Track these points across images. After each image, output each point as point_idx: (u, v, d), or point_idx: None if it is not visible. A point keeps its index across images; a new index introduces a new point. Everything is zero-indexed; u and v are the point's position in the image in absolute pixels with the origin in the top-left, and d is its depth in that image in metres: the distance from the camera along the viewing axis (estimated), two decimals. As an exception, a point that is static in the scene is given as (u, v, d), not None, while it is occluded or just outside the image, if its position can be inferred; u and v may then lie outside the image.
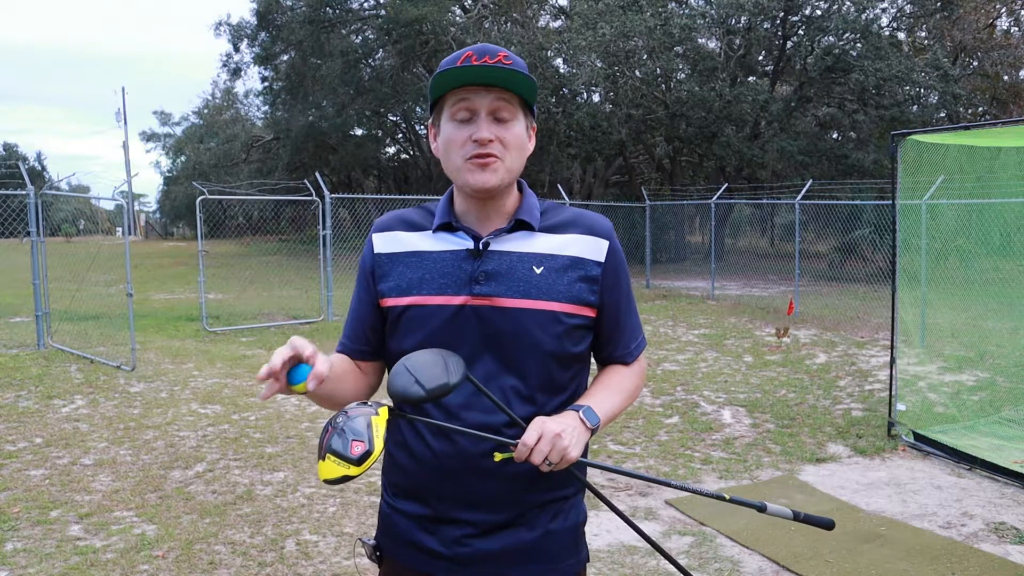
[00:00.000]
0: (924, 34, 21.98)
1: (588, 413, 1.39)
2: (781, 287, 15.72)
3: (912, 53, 20.03)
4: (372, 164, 32.12)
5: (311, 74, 24.06)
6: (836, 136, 22.31)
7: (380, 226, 1.53)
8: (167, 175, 45.24)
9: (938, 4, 19.06)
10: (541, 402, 1.42)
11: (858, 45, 18.81)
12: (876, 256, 15.96)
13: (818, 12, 19.77)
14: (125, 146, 56.66)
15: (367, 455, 1.22)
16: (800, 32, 20.52)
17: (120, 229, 14.78)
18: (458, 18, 23.15)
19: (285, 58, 25.77)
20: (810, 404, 6.46)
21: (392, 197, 19.69)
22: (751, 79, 22.66)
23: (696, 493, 1.45)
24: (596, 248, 1.46)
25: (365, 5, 24.96)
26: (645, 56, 19.97)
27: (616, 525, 3.88)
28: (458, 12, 23.73)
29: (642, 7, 19.07)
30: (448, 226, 1.45)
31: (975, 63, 22.59)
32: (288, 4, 23.77)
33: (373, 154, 30.63)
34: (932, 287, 8.66)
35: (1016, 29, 22.09)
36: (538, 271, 1.41)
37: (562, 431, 1.30)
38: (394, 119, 29.35)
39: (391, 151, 33.79)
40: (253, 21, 25.01)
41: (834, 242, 17.94)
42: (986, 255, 8.81)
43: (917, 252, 8.29)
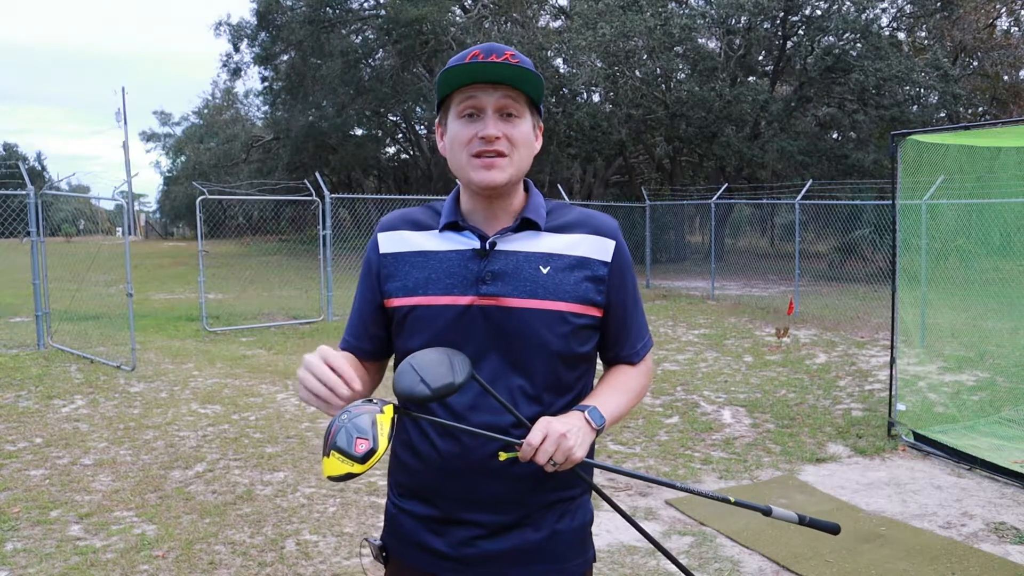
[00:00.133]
0: (924, 34, 21.98)
1: (593, 413, 1.38)
2: (781, 287, 15.71)
3: (912, 53, 20.03)
4: (372, 164, 32.13)
5: (311, 74, 24.06)
6: (836, 136, 22.31)
7: (385, 225, 1.52)
8: (167, 175, 45.28)
9: (938, 4, 19.06)
10: (547, 402, 1.41)
11: (858, 45, 18.81)
12: (876, 256, 15.96)
13: (818, 12, 19.77)
14: (125, 146, 56.61)
15: (371, 453, 1.21)
16: (800, 32, 20.53)
17: (120, 229, 14.78)
18: (458, 18, 23.15)
19: (285, 58, 25.77)
20: (810, 404, 6.46)
21: (392, 197, 19.68)
22: (751, 79, 22.65)
23: (702, 496, 1.45)
24: (603, 248, 1.45)
25: (365, 5, 24.95)
26: (645, 56, 19.97)
27: (616, 525, 3.88)
28: (458, 12, 23.72)
29: (642, 7, 19.07)
30: (454, 225, 1.45)
31: (975, 63, 22.59)
32: (288, 4, 23.77)
33: (373, 154, 30.63)
34: (932, 287, 8.66)
35: (1016, 29, 22.10)
36: (545, 271, 1.41)
37: (567, 431, 1.29)
38: (394, 119, 29.35)
39: (391, 151, 33.80)
40: (253, 21, 25.02)
41: (834, 242, 17.93)
42: (986, 255, 8.81)
43: (917, 252, 8.29)
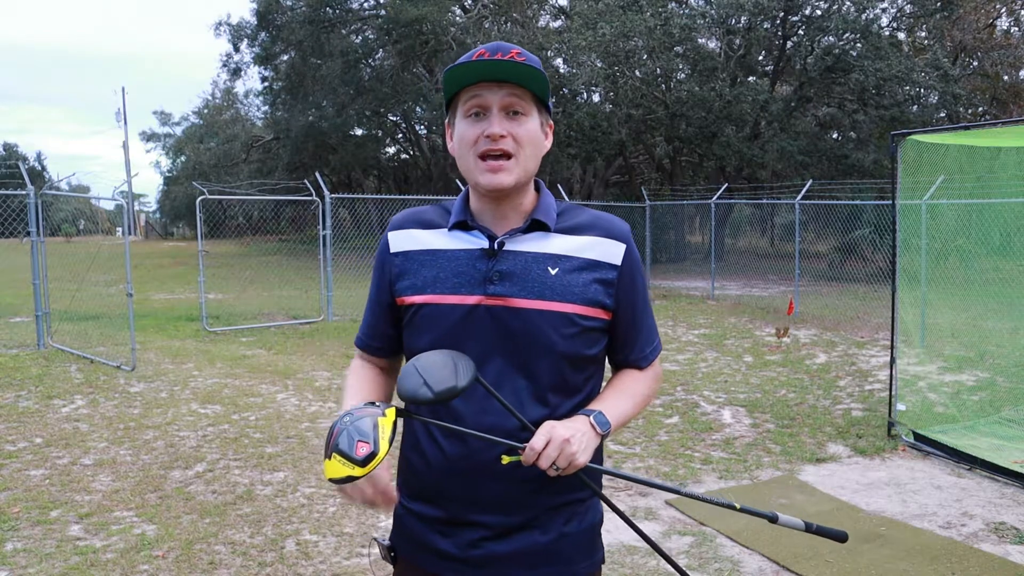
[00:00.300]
0: (924, 34, 21.98)
1: (599, 418, 1.37)
2: (781, 287, 15.71)
3: (912, 53, 20.04)
4: (372, 164, 32.13)
5: (311, 74, 24.06)
6: (836, 136, 22.30)
7: (396, 224, 1.52)
8: (167, 175, 45.28)
9: (938, 4, 19.05)
10: (554, 404, 1.40)
11: (858, 45, 18.81)
12: (876, 256, 15.96)
13: (818, 12, 19.77)
14: (125, 146, 56.64)
15: (372, 457, 1.21)
16: (800, 32, 20.52)
17: (120, 229, 14.79)
18: (458, 18, 23.15)
19: (285, 58, 25.77)
20: (810, 404, 6.46)
21: (392, 197, 19.67)
22: (751, 79, 22.65)
23: (707, 502, 1.43)
24: (613, 251, 1.44)
25: (365, 5, 24.96)
26: (645, 56, 19.97)
27: (616, 525, 3.87)
28: (458, 12, 23.73)
29: (642, 7, 19.07)
30: (463, 224, 1.44)
31: (975, 63, 22.60)
32: (288, 4, 23.77)
33: (373, 154, 30.64)
34: (932, 287, 8.66)
35: (1016, 29, 22.10)
36: (553, 272, 1.40)
37: (571, 436, 1.29)
38: (394, 119, 29.35)
39: (391, 151, 33.82)
40: (253, 21, 25.03)
41: (834, 242, 17.93)
42: (986, 255, 8.81)
43: (917, 252, 8.29)
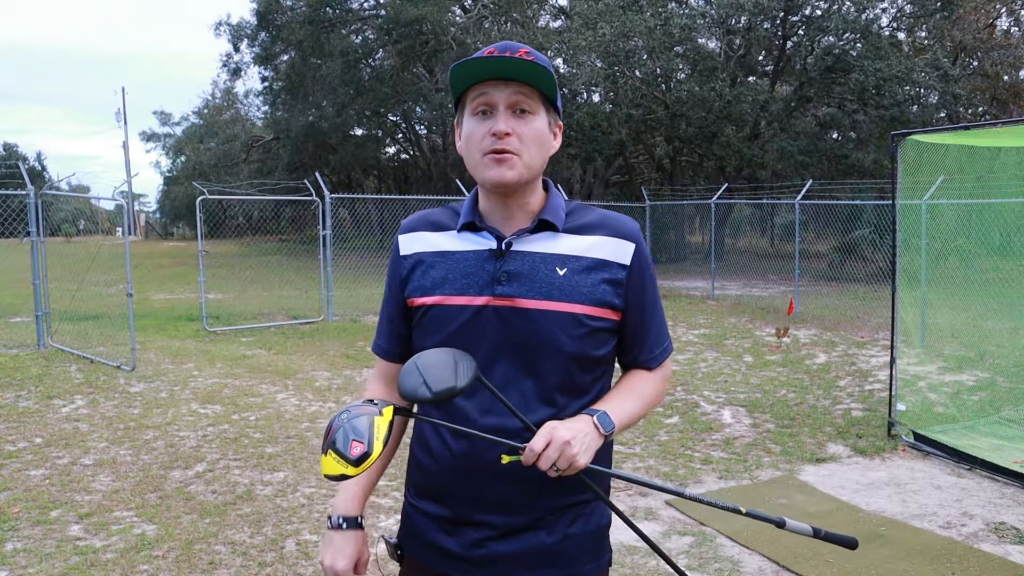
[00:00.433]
0: (924, 34, 21.97)
1: (603, 419, 1.36)
2: (781, 287, 15.71)
3: (912, 53, 20.03)
4: (372, 164, 32.13)
5: (311, 74, 24.06)
6: (836, 136, 22.29)
7: (406, 227, 1.53)
8: (167, 175, 45.28)
9: (938, 4, 19.05)
10: (561, 404, 1.39)
11: (858, 45, 18.81)
12: (876, 256, 15.95)
13: (818, 12, 19.77)
14: (125, 146, 56.64)
15: (365, 456, 1.21)
16: (800, 32, 20.52)
17: (120, 229, 14.79)
18: (458, 18, 23.16)
19: (285, 58, 25.78)
20: (810, 404, 6.46)
21: (392, 197, 19.67)
22: (751, 79, 22.65)
23: (712, 506, 1.42)
24: (622, 251, 1.43)
25: (365, 5, 24.96)
26: (645, 56, 19.97)
27: (616, 525, 3.86)
28: (458, 12, 23.73)
29: (642, 7, 19.07)
30: (472, 225, 1.44)
31: (975, 63, 22.59)
32: (288, 4, 23.78)
33: (373, 154, 30.63)
34: (932, 287, 8.66)
35: (1016, 29, 22.10)
36: (561, 272, 1.39)
37: (572, 438, 1.27)
38: (394, 119, 29.35)
39: (391, 151, 33.82)
40: (253, 21, 25.04)
41: (834, 242, 17.92)
42: (986, 255, 8.81)
43: (917, 252, 8.29)
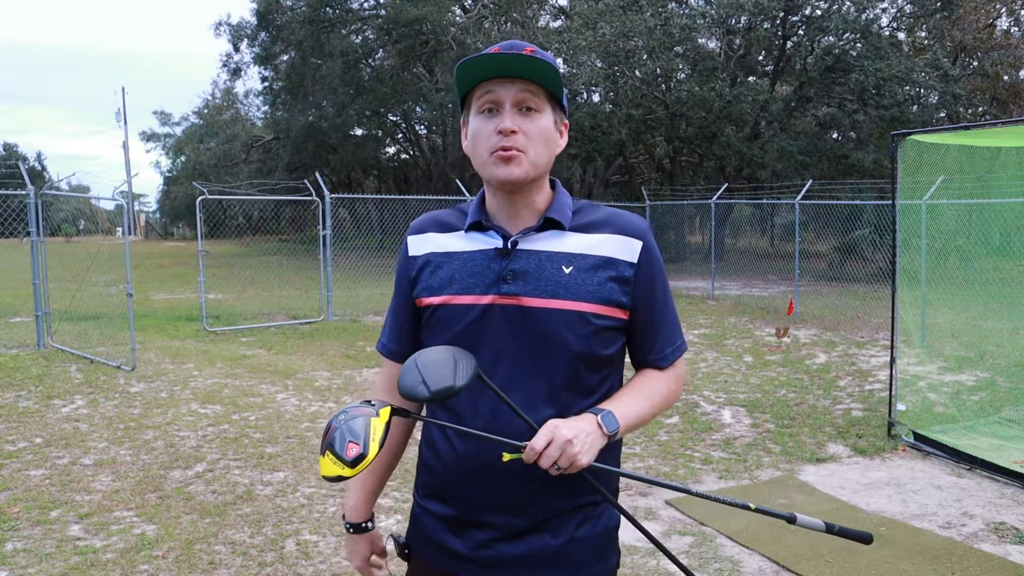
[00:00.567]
0: (924, 34, 21.97)
1: (607, 418, 1.34)
2: (781, 287, 15.71)
3: (912, 53, 20.03)
4: (372, 164, 32.13)
5: (311, 74, 24.06)
6: (836, 136, 22.30)
7: (414, 228, 1.54)
8: (167, 175, 45.30)
9: (938, 4, 19.05)
10: (568, 403, 1.38)
11: (858, 45, 18.81)
12: (876, 256, 15.94)
13: (818, 12, 19.77)
14: (125, 146, 56.63)
15: (360, 458, 1.21)
16: (800, 32, 20.52)
17: (120, 229, 14.79)
18: (458, 18, 23.16)
19: (285, 58, 25.78)
20: (810, 404, 6.46)
21: (392, 197, 19.67)
22: (751, 79, 22.65)
23: (722, 503, 1.41)
24: (629, 248, 1.42)
25: (365, 5, 24.97)
26: (645, 56, 19.97)
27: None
28: (458, 12, 23.74)
29: (642, 7, 19.08)
30: (478, 225, 1.44)
31: (975, 63, 22.59)
32: (288, 4, 23.78)
33: (373, 154, 30.64)
34: (932, 287, 8.66)
35: (1016, 29, 22.10)
36: (567, 271, 1.39)
37: (574, 437, 1.26)
38: (394, 119, 29.35)
39: (391, 151, 33.82)
40: (253, 21, 25.04)
41: (834, 242, 17.92)
42: (986, 255, 8.80)
43: (917, 252, 8.29)
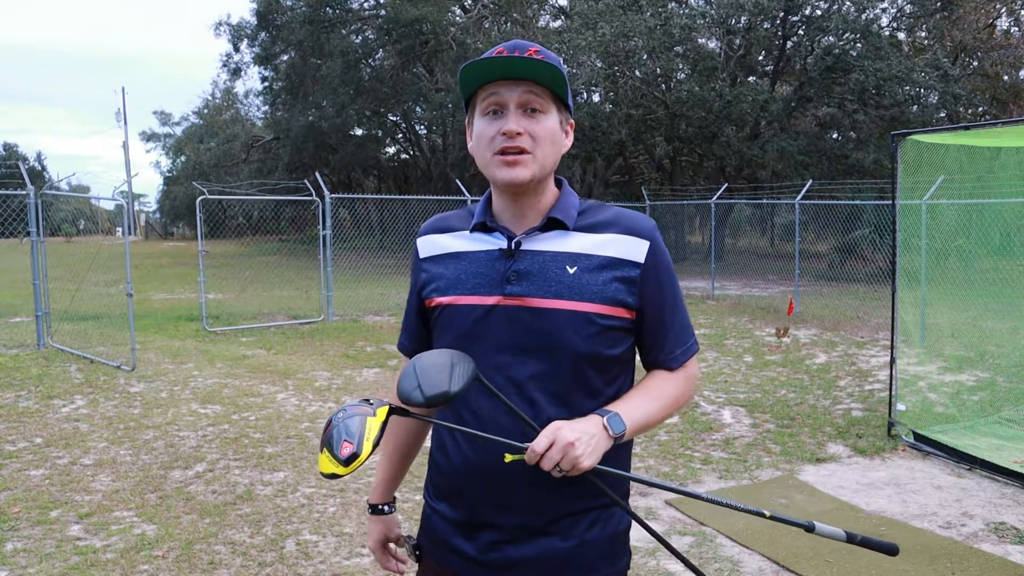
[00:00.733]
0: (924, 34, 21.98)
1: (613, 420, 1.32)
2: (781, 287, 15.71)
3: (912, 53, 20.04)
4: (372, 164, 32.14)
5: (311, 74, 24.08)
6: (836, 136, 22.29)
7: (423, 231, 1.55)
8: (167, 175, 45.35)
9: (938, 4, 19.06)
10: (574, 405, 1.37)
11: (858, 45, 18.81)
12: (876, 256, 15.95)
13: (818, 12, 19.77)
14: (125, 146, 56.43)
15: (353, 457, 1.21)
16: (800, 32, 20.53)
17: (120, 229, 14.78)
18: (458, 18, 23.16)
19: (285, 58, 25.80)
20: (810, 404, 6.46)
21: (392, 197, 19.68)
22: (751, 79, 22.66)
23: (734, 509, 1.37)
24: (635, 248, 1.41)
25: (365, 5, 24.97)
26: (645, 56, 19.97)
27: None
28: (458, 12, 23.74)
29: (642, 7, 19.08)
30: (484, 226, 1.45)
31: (975, 63, 22.59)
32: (288, 4, 23.79)
33: (373, 154, 30.65)
34: (932, 287, 8.66)
35: (1016, 29, 22.10)
36: (571, 271, 1.38)
37: (576, 439, 1.24)
38: (394, 119, 29.36)
39: (391, 151, 33.83)
40: (253, 21, 25.06)
41: (834, 242, 17.93)
42: (986, 255, 8.80)
43: (917, 252, 8.29)
